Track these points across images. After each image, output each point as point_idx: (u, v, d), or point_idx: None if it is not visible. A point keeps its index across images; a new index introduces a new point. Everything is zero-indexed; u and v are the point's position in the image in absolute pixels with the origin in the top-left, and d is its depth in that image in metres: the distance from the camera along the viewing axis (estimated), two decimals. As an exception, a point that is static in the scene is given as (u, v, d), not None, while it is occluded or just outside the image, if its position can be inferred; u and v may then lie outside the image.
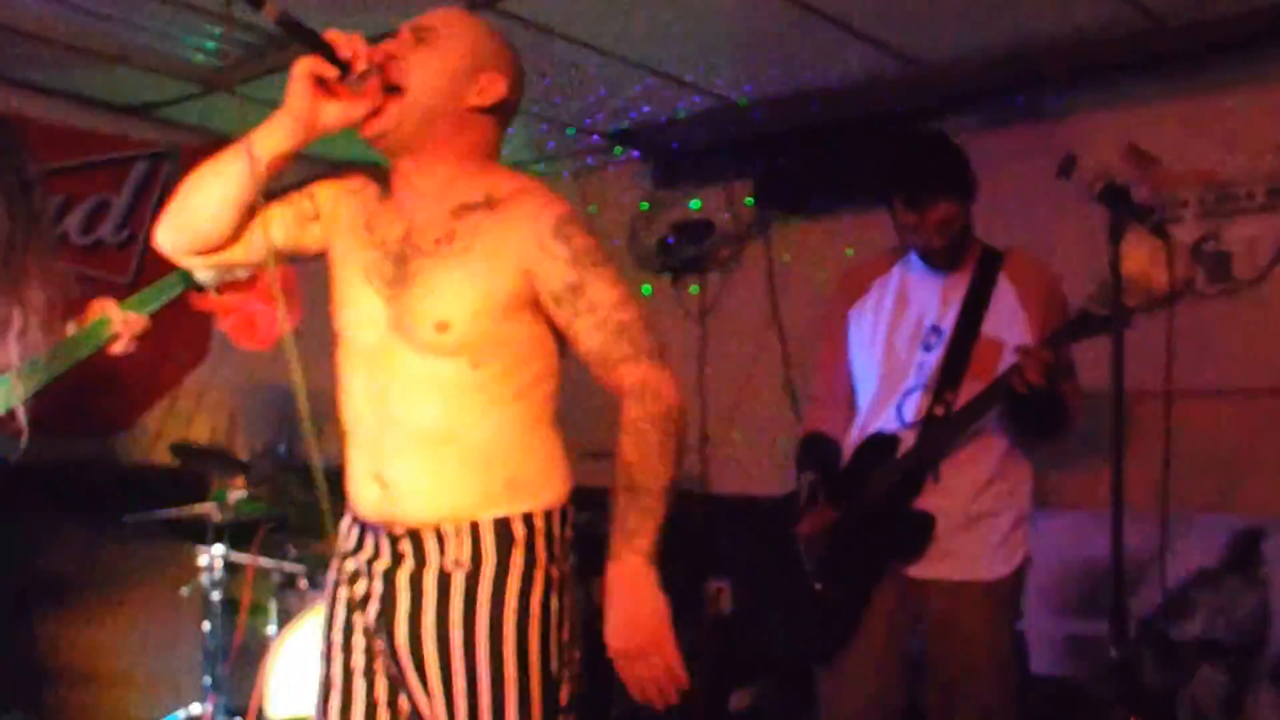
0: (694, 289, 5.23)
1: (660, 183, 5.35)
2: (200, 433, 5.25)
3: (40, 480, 2.77)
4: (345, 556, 2.11)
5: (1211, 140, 3.89)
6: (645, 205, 5.38)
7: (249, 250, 2.07)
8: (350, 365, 2.08)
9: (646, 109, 4.75)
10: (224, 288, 2.30)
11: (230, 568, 4.12)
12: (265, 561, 4.13)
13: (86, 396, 2.41)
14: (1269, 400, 3.71)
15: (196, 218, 2.02)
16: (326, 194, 2.15)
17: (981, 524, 2.88)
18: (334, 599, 2.12)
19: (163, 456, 4.91)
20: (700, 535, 4.65)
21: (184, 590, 4.17)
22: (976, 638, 2.88)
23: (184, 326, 2.41)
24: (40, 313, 2.30)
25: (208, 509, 4.06)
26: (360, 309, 2.05)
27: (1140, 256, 2.44)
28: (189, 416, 5.21)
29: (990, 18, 3.70)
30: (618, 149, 5.29)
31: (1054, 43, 3.87)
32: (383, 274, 2.03)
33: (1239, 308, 3.72)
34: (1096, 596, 3.31)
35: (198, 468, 4.56)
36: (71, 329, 2.37)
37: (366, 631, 2.04)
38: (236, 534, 4.17)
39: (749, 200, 5.03)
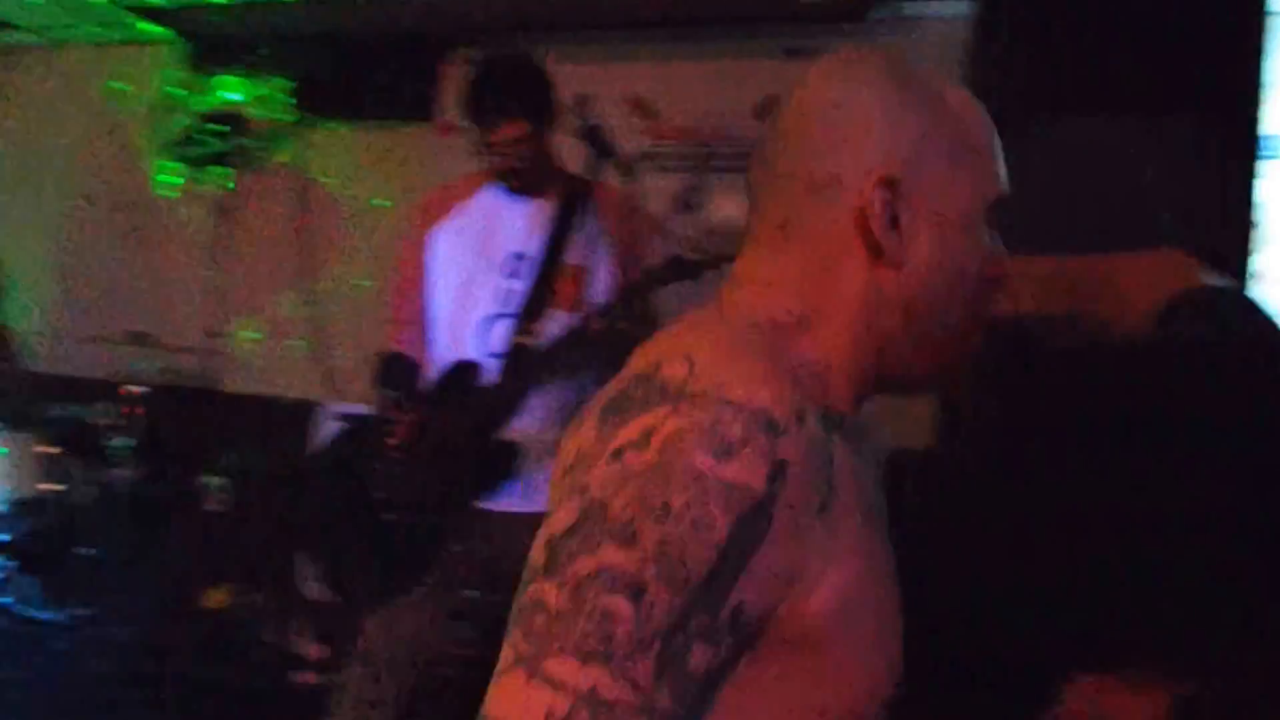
0: (230, 185, 5.06)
1: (195, 68, 5.11)
2: None
3: None
4: None
5: (705, 100, 4.18)
6: (174, 89, 5.15)
7: None
8: None
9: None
10: None
11: None
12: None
13: None
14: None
15: None
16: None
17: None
18: None
19: None
20: (204, 430, 4.59)
21: None
22: None
23: None
24: None
25: None
26: None
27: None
28: None
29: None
30: (146, 24, 4.99)
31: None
32: None
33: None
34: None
35: None
36: None
37: None
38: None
39: (288, 99, 4.92)
